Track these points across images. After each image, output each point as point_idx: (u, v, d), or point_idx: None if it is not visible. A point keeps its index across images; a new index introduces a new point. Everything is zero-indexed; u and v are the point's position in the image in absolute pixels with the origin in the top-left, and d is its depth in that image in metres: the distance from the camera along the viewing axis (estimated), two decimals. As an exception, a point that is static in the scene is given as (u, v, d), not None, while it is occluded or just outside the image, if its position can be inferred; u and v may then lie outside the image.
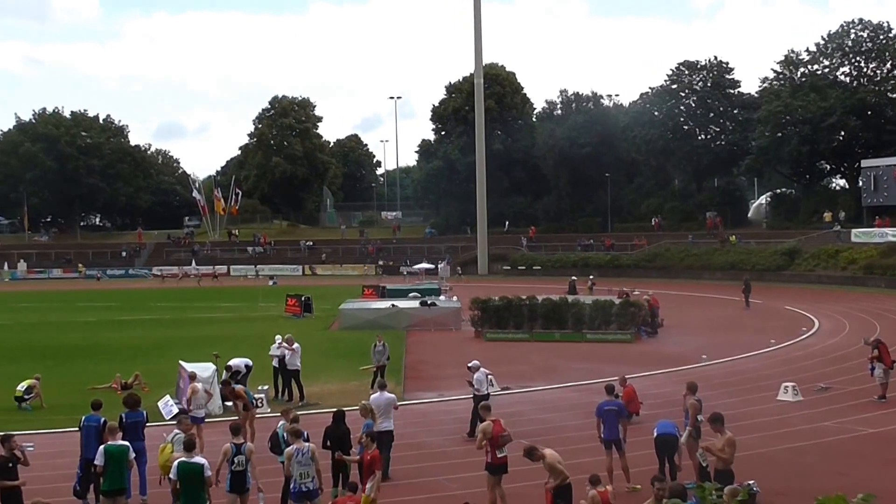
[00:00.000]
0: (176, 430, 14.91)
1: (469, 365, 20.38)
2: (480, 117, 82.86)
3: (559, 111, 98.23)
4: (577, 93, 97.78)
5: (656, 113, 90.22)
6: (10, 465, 13.44)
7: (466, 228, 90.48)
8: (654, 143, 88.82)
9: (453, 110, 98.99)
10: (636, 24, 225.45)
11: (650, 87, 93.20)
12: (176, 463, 12.66)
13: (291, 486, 13.24)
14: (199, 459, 12.57)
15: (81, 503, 15.24)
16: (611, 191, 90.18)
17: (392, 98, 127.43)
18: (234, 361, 23.77)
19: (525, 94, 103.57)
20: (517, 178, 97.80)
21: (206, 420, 19.41)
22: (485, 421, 14.85)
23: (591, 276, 52.89)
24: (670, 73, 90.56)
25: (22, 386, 23.95)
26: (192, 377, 20.02)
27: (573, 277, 54.38)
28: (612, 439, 15.81)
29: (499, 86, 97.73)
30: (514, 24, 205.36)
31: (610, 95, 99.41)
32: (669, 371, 28.28)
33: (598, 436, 16.09)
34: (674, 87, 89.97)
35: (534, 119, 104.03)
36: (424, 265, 73.47)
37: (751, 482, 14.53)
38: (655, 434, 15.73)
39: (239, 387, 20.38)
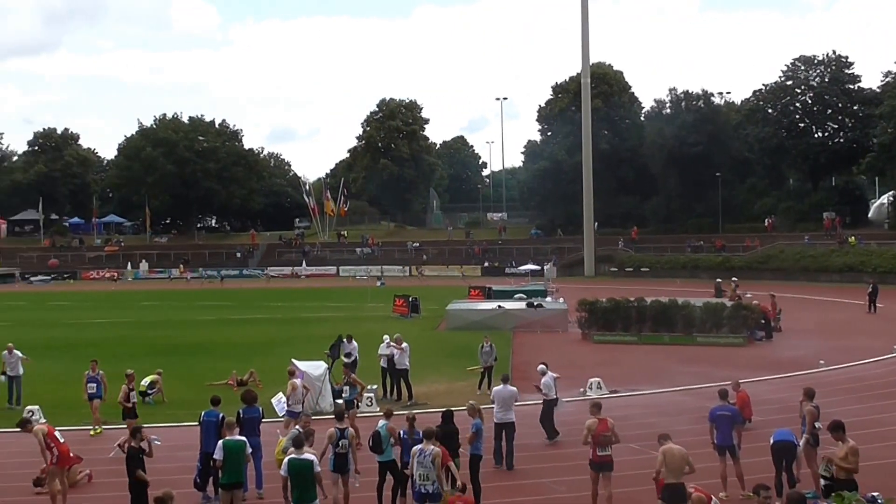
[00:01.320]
0: (296, 427, 15.19)
1: (538, 368, 20.24)
2: (587, 117, 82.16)
3: (668, 110, 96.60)
4: (687, 91, 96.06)
5: (770, 110, 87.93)
6: (140, 455, 14.03)
7: (571, 229, 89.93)
8: (767, 141, 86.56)
9: (559, 110, 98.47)
10: (748, 19, 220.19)
11: (763, 84, 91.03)
12: (286, 459, 12.95)
13: (413, 486, 13.46)
14: (308, 455, 12.81)
15: (202, 495, 15.78)
16: (722, 191, 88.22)
17: (498, 99, 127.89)
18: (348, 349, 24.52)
19: (633, 93, 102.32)
20: (624, 179, 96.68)
21: (317, 417, 19.77)
22: (589, 421, 15.04)
23: (735, 279, 51.15)
24: (785, 68, 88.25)
25: (145, 381, 24.94)
26: (291, 373, 20.48)
27: (718, 280, 52.59)
28: (726, 445, 15.51)
29: (606, 85, 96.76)
30: (621, 23, 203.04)
31: (721, 93, 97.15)
32: (785, 376, 27.49)
33: (710, 441, 15.80)
34: (789, 83, 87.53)
35: (642, 118, 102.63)
36: (530, 266, 73.25)
37: (875, 494, 14.02)
38: (772, 441, 15.34)
39: (354, 375, 21.24)
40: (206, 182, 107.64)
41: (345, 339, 25.37)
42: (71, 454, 15.55)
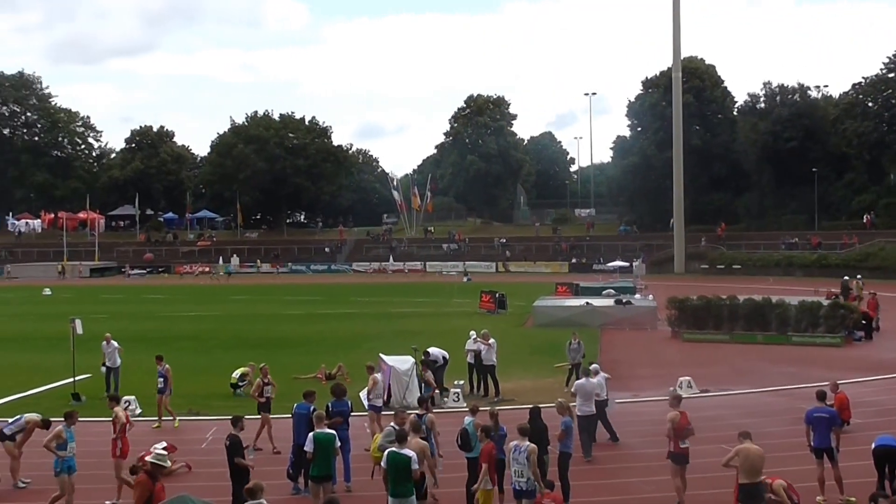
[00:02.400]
0: (392, 423, 15.25)
1: (591, 367, 19.97)
2: (678, 112, 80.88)
3: (762, 104, 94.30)
4: (782, 85, 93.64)
5: (870, 104, 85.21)
6: (242, 444, 14.32)
7: (661, 226, 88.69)
8: (867, 136, 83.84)
9: (650, 106, 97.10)
10: (848, 11, 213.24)
11: (863, 77, 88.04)
12: (386, 453, 13.02)
13: (512, 483, 13.46)
14: (408, 452, 12.81)
15: (292, 486, 16.00)
16: (818, 187, 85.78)
17: (587, 94, 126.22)
18: (432, 350, 24.35)
19: (725, 88, 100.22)
20: (716, 174, 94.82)
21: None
22: (671, 413, 15.08)
23: (859, 276, 49.47)
24: (887, 60, 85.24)
25: (237, 373, 25.44)
26: (371, 369, 20.61)
27: (845, 277, 50.75)
28: (824, 448, 15.05)
29: (698, 79, 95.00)
30: (714, 15, 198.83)
31: (818, 87, 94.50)
32: (885, 378, 26.58)
33: (807, 443, 15.36)
34: (891, 75, 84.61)
35: (734, 113, 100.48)
36: (618, 263, 72.50)
37: None
38: (874, 446, 14.83)
39: (428, 374, 21.48)
40: (295, 178, 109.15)
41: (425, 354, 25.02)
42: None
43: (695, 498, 15.00)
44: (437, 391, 23.02)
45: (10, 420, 17.22)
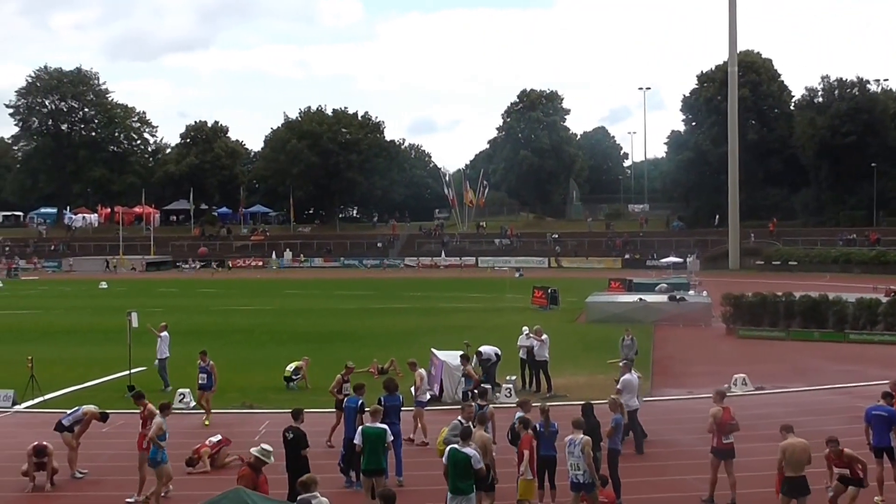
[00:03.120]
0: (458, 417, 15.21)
1: (620, 363, 19.71)
2: (734, 107, 79.86)
3: (820, 98, 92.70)
4: (841, 79, 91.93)
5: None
6: (306, 438, 14.47)
7: (715, 221, 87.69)
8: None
9: (705, 100, 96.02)
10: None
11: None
12: (448, 448, 13.01)
13: (569, 476, 13.46)
14: (468, 450, 12.76)
15: (345, 480, 16.08)
16: (877, 182, 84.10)
17: (641, 89, 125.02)
18: (484, 349, 24.27)
19: (782, 82, 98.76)
20: (772, 170, 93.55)
21: (456, 407, 19.83)
22: (714, 409, 15.15)
23: None
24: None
25: (291, 367, 25.63)
26: (413, 366, 20.67)
27: None
28: (883, 447, 14.74)
29: (754, 73, 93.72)
30: (771, 9, 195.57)
31: (878, 80, 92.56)
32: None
33: (866, 442, 15.04)
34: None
35: (791, 107, 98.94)
36: (672, 259, 71.78)
37: None
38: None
39: (469, 368, 21.40)
40: (348, 173, 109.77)
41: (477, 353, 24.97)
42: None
43: (748, 497, 14.81)
44: (489, 386, 22.97)
45: (69, 411, 17.52)
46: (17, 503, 15.68)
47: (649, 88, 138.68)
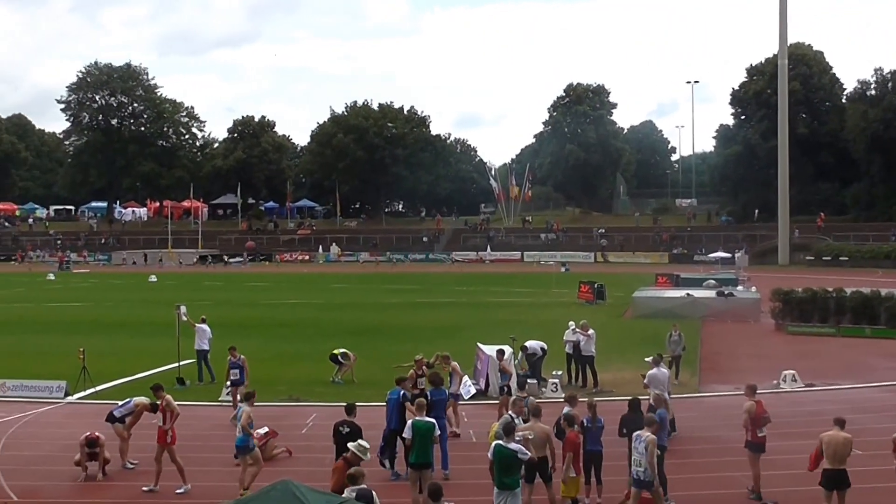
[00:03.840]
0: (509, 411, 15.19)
1: (647, 359, 19.53)
2: (784, 100, 78.75)
3: (873, 91, 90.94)
4: (894, 71, 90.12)
5: None
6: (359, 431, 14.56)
7: (764, 216, 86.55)
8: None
9: (754, 93, 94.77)
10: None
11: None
12: (494, 444, 13.03)
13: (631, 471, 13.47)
14: (514, 445, 12.78)
15: (391, 472, 16.19)
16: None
17: (689, 82, 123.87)
18: (530, 343, 24.19)
19: (834, 75, 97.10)
20: (823, 164, 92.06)
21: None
22: (747, 403, 15.15)
23: None
24: None
25: (339, 350, 25.73)
26: (446, 359, 20.69)
27: None
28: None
29: (805, 66, 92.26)
30: (823, 1, 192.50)
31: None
32: None
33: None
34: None
35: (843, 100, 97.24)
36: (720, 254, 71.03)
37: None
38: None
39: (503, 362, 21.23)
40: (394, 168, 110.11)
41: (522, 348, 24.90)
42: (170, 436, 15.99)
43: (792, 495, 14.70)
44: (535, 380, 22.94)
45: (120, 403, 17.77)
46: (71, 492, 15.96)
47: (697, 82, 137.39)
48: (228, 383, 21.90)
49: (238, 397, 20.67)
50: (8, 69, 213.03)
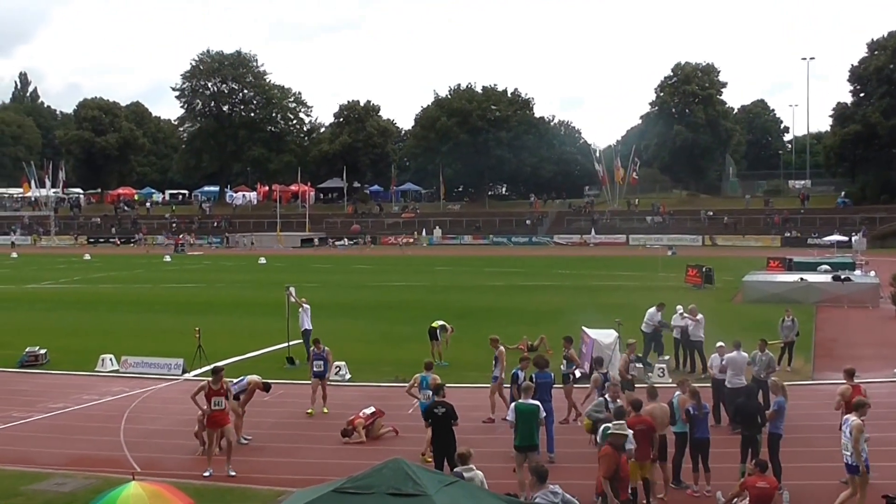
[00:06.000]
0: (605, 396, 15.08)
1: (719, 343, 18.88)
2: (906, 76, 75.56)
3: None
4: None
5: None
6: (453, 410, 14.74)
7: (884, 198, 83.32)
8: None
9: (875, 69, 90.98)
10: None
11: None
12: (602, 428, 12.95)
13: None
14: (626, 430, 12.71)
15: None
16: None
17: (804, 59, 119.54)
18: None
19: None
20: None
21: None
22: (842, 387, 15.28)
23: None
24: None
25: (438, 322, 25.90)
26: (494, 342, 20.47)
27: None
28: None
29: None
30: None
31: None
32: None
33: None
34: None
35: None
36: (836, 237, 68.77)
37: None
38: None
39: (571, 350, 20.85)
40: (497, 150, 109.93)
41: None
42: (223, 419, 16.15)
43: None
44: (641, 365, 22.70)
45: (235, 381, 18.27)
46: (190, 464, 16.57)
47: (813, 58, 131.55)
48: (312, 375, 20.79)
49: (323, 389, 20.27)
50: (127, 59, 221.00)
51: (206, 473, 15.63)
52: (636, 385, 19.07)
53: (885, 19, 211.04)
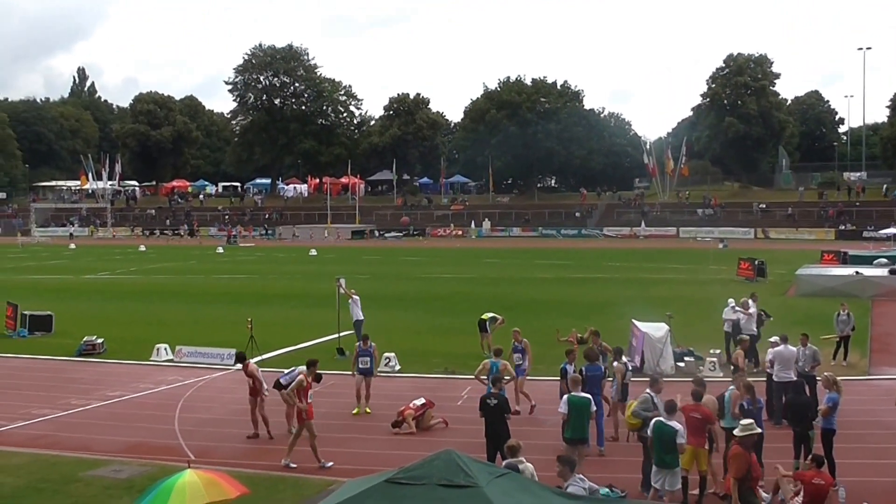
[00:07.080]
0: (648, 390, 15.01)
1: (772, 339, 18.52)
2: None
3: None
4: None
5: None
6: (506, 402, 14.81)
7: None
8: None
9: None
10: None
11: None
12: (654, 421, 12.92)
13: None
14: (675, 424, 12.66)
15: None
16: None
17: (860, 49, 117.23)
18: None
19: None
20: None
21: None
22: None
23: None
24: None
25: (488, 314, 25.93)
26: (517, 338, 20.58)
27: None
28: None
29: None
30: None
31: None
32: None
33: None
34: None
35: None
36: (893, 230, 67.44)
37: None
38: None
39: (604, 344, 20.56)
40: (546, 143, 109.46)
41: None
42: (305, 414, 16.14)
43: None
44: (692, 358, 22.55)
45: (286, 371, 18.46)
46: (244, 453, 16.86)
47: (870, 48, 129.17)
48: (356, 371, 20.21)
49: (367, 387, 19.85)
50: (182, 54, 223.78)
51: (292, 465, 15.80)
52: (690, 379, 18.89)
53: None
